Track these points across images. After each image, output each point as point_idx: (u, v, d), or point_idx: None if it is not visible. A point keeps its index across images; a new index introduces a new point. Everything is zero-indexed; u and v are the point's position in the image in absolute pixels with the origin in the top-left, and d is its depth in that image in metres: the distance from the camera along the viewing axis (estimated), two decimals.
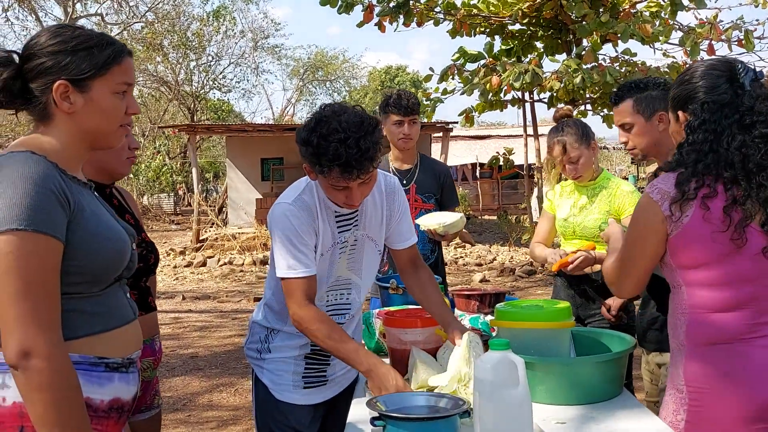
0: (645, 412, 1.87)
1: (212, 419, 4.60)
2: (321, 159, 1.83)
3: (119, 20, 24.75)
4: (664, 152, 2.34)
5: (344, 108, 1.89)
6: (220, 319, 8.05)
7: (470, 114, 9.90)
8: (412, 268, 2.25)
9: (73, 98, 1.39)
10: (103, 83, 1.41)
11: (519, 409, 1.44)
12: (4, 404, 1.33)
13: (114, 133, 1.46)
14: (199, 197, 15.61)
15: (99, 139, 1.45)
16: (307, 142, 1.85)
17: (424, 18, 9.04)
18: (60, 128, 1.41)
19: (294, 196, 2.01)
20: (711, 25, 8.38)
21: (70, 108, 1.39)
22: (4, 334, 1.27)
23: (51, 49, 1.38)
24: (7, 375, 1.33)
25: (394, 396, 1.67)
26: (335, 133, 1.80)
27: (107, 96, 1.42)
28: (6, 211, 1.25)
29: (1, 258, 1.25)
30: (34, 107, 1.41)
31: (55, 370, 1.27)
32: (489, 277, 10.87)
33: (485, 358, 1.48)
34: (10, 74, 1.38)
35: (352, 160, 1.81)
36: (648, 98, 2.35)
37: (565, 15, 9.14)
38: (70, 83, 1.38)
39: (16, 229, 1.25)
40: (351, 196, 1.92)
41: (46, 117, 1.41)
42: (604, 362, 1.91)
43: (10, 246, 1.25)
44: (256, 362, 2.21)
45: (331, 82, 36.15)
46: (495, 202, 24.19)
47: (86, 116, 1.41)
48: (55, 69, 1.38)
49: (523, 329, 2.04)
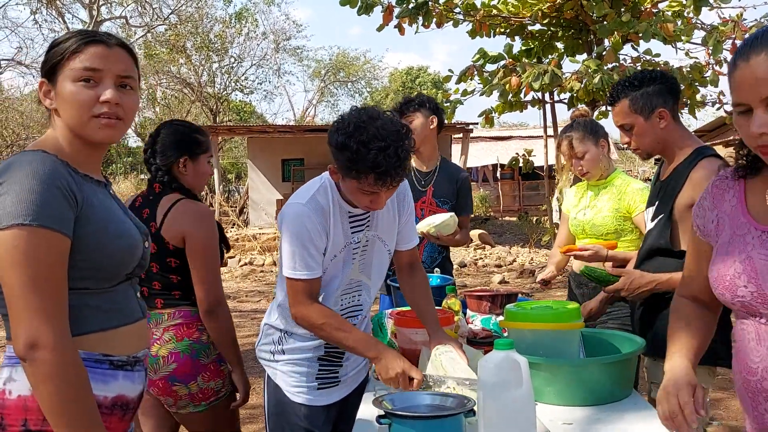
0: (654, 414, 1.85)
1: None
2: (358, 165, 1.84)
3: (143, 23, 25.03)
4: (670, 149, 2.29)
5: (378, 113, 1.90)
6: (239, 319, 8.11)
7: (490, 115, 9.87)
8: (409, 269, 2.28)
9: (52, 94, 1.44)
10: (64, 73, 1.42)
11: (522, 408, 1.44)
12: (9, 397, 1.37)
13: (87, 124, 1.43)
14: (220, 198, 15.74)
15: (77, 132, 1.44)
16: (344, 147, 1.85)
17: (444, 19, 9.04)
18: (57, 126, 1.47)
19: (308, 197, 2.01)
20: (735, 23, 8.26)
21: (51, 104, 1.45)
22: (14, 326, 1.31)
23: (45, 55, 1.46)
24: (14, 369, 1.37)
25: (400, 395, 1.69)
26: (375, 141, 1.81)
27: (67, 84, 1.42)
28: (13, 206, 1.29)
29: (9, 252, 1.29)
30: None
31: (62, 361, 1.30)
32: (508, 279, 10.83)
33: (489, 359, 1.48)
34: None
35: (391, 169, 1.83)
36: (644, 95, 2.26)
37: (586, 15, 9.08)
38: (47, 80, 1.44)
39: (22, 224, 1.28)
40: (377, 200, 1.95)
41: (50, 117, 1.48)
42: (613, 363, 1.90)
43: (17, 240, 1.28)
44: (269, 364, 2.22)
45: (353, 83, 36.21)
46: (516, 203, 24.08)
47: (61, 110, 1.44)
48: (42, 69, 1.46)
49: (532, 330, 2.04)
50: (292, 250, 1.98)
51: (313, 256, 1.98)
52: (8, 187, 1.31)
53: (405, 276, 2.28)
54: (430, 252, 3.32)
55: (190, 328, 2.29)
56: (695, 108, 9.95)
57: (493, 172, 24.34)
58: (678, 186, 2.21)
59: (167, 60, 25.84)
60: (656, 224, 2.28)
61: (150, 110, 31.12)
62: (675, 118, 2.29)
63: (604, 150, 2.88)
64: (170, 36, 25.19)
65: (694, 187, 2.13)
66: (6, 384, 1.38)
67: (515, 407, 1.44)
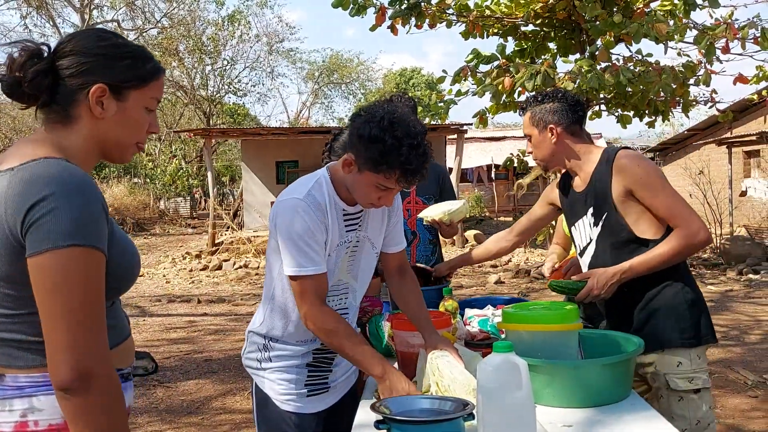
0: (654, 414, 1.85)
1: (225, 422, 4.62)
2: (389, 159, 1.83)
3: (135, 26, 24.97)
4: (571, 163, 2.43)
5: (406, 111, 1.93)
6: (234, 323, 8.08)
7: (484, 116, 9.87)
8: (399, 273, 2.25)
9: (107, 104, 1.35)
10: (140, 95, 1.38)
11: (522, 411, 1.43)
12: (36, 428, 1.26)
13: (130, 148, 1.42)
14: (214, 201, 15.70)
15: (114, 151, 1.40)
16: (378, 140, 1.83)
17: (436, 20, 9.03)
18: (80, 132, 1.35)
19: (304, 192, 1.96)
20: (726, 25, 8.28)
21: (102, 114, 1.34)
22: (58, 352, 1.18)
23: (98, 51, 1.34)
24: (33, 398, 1.27)
25: (398, 399, 1.67)
26: (407, 138, 1.82)
27: (139, 109, 1.39)
28: (69, 225, 1.19)
29: (58, 273, 1.19)
30: (56, 106, 1.34)
31: (117, 392, 1.24)
32: (504, 279, 10.84)
33: (488, 362, 1.47)
34: (42, 68, 1.31)
35: (419, 167, 1.85)
36: (542, 111, 2.41)
37: (578, 15, 9.09)
38: (109, 88, 1.34)
39: (78, 245, 1.20)
40: (387, 197, 1.94)
41: (68, 118, 1.35)
42: (611, 364, 1.89)
43: (73, 261, 1.19)
44: (256, 372, 2.15)
45: (346, 84, 36.22)
46: (511, 203, 24.10)
47: (113, 125, 1.36)
48: (98, 71, 1.33)
49: (530, 332, 2.03)
50: (293, 246, 1.91)
51: (317, 251, 1.92)
52: (58, 202, 1.20)
53: (395, 280, 2.25)
54: (424, 252, 3.32)
55: None
56: (688, 107, 9.99)
57: (488, 172, 24.37)
58: (606, 184, 2.30)
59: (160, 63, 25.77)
60: (605, 223, 2.34)
61: None
62: (573, 134, 2.41)
63: None
64: (162, 39, 25.11)
65: (624, 176, 2.26)
66: (29, 416, 1.27)
67: (515, 410, 1.42)
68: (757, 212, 15.77)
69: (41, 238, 1.18)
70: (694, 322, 2.27)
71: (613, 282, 2.25)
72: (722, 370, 5.33)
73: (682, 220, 2.22)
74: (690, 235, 2.21)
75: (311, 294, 1.92)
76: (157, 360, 6.87)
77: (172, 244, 18.16)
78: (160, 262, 14.01)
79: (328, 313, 1.93)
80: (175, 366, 6.12)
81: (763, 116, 16.36)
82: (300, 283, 1.92)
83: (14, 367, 1.27)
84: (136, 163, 29.90)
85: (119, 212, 22.36)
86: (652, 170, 2.27)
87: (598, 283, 2.25)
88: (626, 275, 2.25)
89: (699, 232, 2.22)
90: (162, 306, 9.42)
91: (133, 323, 8.01)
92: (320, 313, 1.92)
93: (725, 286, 9.57)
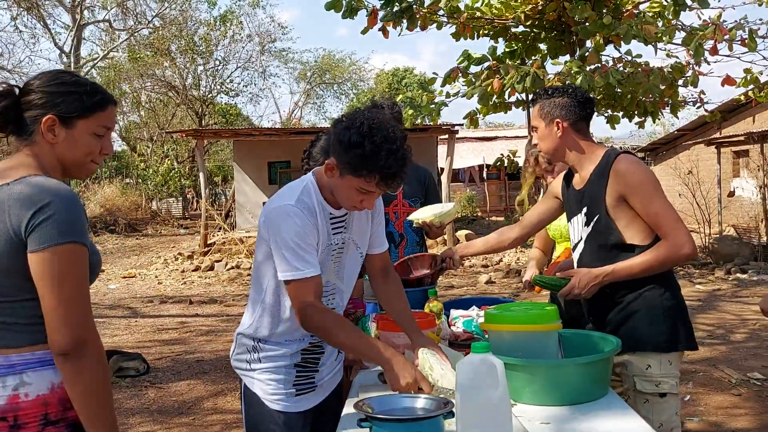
0: (629, 412, 1.91)
1: (216, 423, 4.67)
2: (368, 163, 1.88)
3: (126, 26, 24.91)
4: (573, 159, 2.44)
5: (384, 116, 1.98)
6: (226, 323, 8.11)
7: (474, 116, 9.93)
8: (383, 275, 2.31)
9: (57, 131, 1.62)
10: (86, 124, 1.65)
11: (499, 408, 1.48)
12: (26, 399, 1.52)
13: (84, 166, 1.69)
14: (206, 202, 15.71)
15: (70, 169, 1.69)
16: (358, 145, 1.88)
17: (428, 22, 9.08)
18: (44, 154, 1.64)
19: (294, 198, 2.02)
20: (715, 26, 8.37)
21: (53, 139, 1.62)
22: (57, 327, 1.48)
23: (48, 89, 1.62)
24: (23, 374, 1.53)
25: (381, 398, 1.72)
26: (386, 143, 1.88)
27: (86, 135, 1.65)
28: (66, 226, 1.50)
29: (57, 264, 1.49)
30: (23, 134, 1.63)
31: (102, 355, 1.54)
32: (495, 279, 10.91)
33: (466, 361, 1.53)
34: (8, 104, 1.62)
35: (398, 171, 1.90)
36: (550, 104, 2.41)
37: (568, 17, 9.16)
38: (58, 119, 1.62)
39: (75, 242, 1.51)
40: (369, 200, 2.00)
41: (32, 143, 1.63)
42: (587, 364, 1.94)
43: (72, 254, 1.51)
44: (245, 373, 2.20)
45: (339, 85, 36.25)
46: (502, 203, 24.20)
47: (64, 148, 1.64)
48: (48, 105, 1.61)
49: (510, 332, 2.09)
50: (289, 251, 1.96)
51: (311, 253, 1.98)
52: (56, 209, 1.50)
53: (379, 281, 2.31)
54: (411, 253, 3.36)
55: None
56: (677, 108, 10.09)
57: (480, 172, 24.46)
58: (601, 186, 2.33)
59: (151, 63, 25.73)
60: (595, 225, 2.38)
61: (135, 114, 30.96)
62: (579, 131, 2.42)
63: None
64: (154, 39, 25.08)
65: (619, 181, 2.29)
66: (20, 389, 1.53)
67: (492, 408, 1.48)
68: (746, 212, 15.88)
69: (44, 237, 1.48)
70: (668, 328, 2.29)
71: (595, 283, 2.30)
72: (707, 368, 5.40)
73: (670, 231, 2.25)
74: (675, 247, 2.24)
75: (309, 295, 1.96)
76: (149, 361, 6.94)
77: (164, 244, 18.16)
78: (153, 263, 14.02)
79: (329, 312, 1.99)
80: (167, 367, 6.15)
81: (752, 116, 16.51)
82: (297, 286, 1.97)
83: (7, 347, 1.53)
84: (128, 164, 29.87)
85: (111, 213, 22.33)
86: (646, 178, 2.29)
87: (580, 283, 2.31)
88: (608, 278, 2.30)
89: (684, 246, 2.25)
90: (154, 307, 9.45)
91: (124, 324, 8.07)
92: (318, 312, 1.96)
93: (713, 286, 9.67)
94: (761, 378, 4.84)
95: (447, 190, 14.43)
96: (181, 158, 28.94)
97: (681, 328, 2.32)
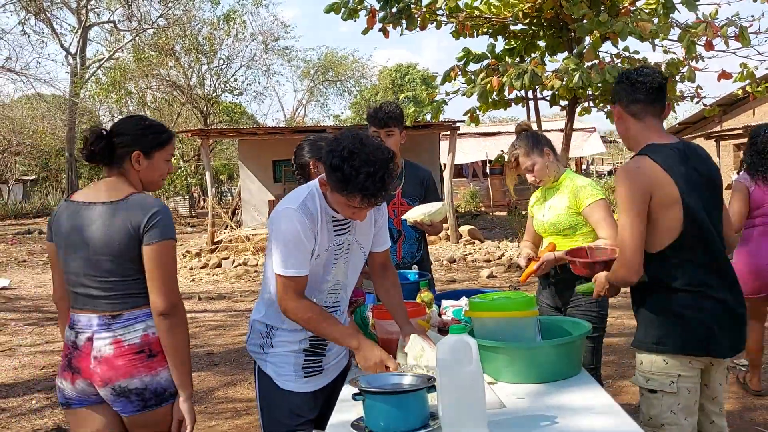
0: (598, 390, 2.14)
1: (227, 410, 4.91)
2: (348, 186, 2.11)
3: (131, 27, 25.14)
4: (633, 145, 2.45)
5: (370, 139, 2.16)
6: (234, 318, 8.36)
7: (475, 114, 10.12)
8: (381, 269, 2.56)
9: (141, 161, 2.28)
10: (160, 154, 2.32)
11: (473, 382, 1.71)
12: (153, 336, 2.20)
13: (158, 182, 2.37)
14: (212, 201, 15.95)
15: (149, 185, 2.36)
16: (338, 169, 2.11)
17: (427, 21, 9.25)
18: (130, 178, 2.30)
19: (298, 202, 2.27)
20: (707, 23, 8.53)
21: (138, 167, 2.29)
22: (159, 294, 2.15)
23: (134, 132, 2.28)
24: (149, 320, 2.20)
25: (374, 376, 1.96)
26: (365, 166, 2.08)
27: (161, 161, 2.33)
28: (168, 228, 2.19)
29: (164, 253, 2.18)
30: (116, 164, 2.28)
31: (185, 316, 2.24)
32: (496, 273, 11.11)
33: (444, 341, 1.75)
34: (104, 144, 2.26)
35: (377, 192, 2.12)
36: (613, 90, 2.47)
37: (566, 15, 9.33)
38: (142, 153, 2.27)
39: (171, 239, 2.21)
40: (359, 214, 2.25)
41: (122, 170, 2.28)
42: (558, 345, 2.18)
43: (170, 247, 2.20)
44: (259, 356, 2.47)
45: (342, 82, 36.46)
46: (506, 198, 24.36)
47: (146, 173, 2.32)
48: (136, 143, 2.27)
49: (492, 318, 2.31)
50: (284, 250, 2.23)
51: (303, 256, 2.25)
52: (163, 215, 2.20)
53: (378, 275, 2.57)
54: (409, 249, 3.59)
55: None
56: (675, 102, 10.25)
57: (483, 167, 24.63)
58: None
59: (156, 63, 25.95)
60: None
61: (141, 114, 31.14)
62: (634, 116, 2.40)
63: (549, 157, 3.18)
64: (159, 39, 25.30)
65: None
66: (149, 330, 2.20)
67: (467, 381, 1.71)
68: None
69: (156, 235, 2.16)
70: (662, 330, 2.32)
71: (607, 287, 2.50)
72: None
73: (620, 250, 2.32)
74: (614, 269, 2.37)
75: (291, 291, 2.26)
76: None
77: None
78: None
79: (303, 305, 2.26)
80: None
81: (752, 110, 16.66)
82: (283, 281, 2.26)
83: (130, 307, 2.20)
84: None
85: None
86: (624, 192, 2.28)
87: (597, 287, 2.55)
88: (609, 285, 2.50)
89: (618, 270, 2.34)
90: None
91: None
92: (296, 306, 2.25)
93: None
94: (746, 364, 5.02)
95: (449, 186, 14.62)
96: (187, 157, 29.20)
97: (680, 332, 2.29)
